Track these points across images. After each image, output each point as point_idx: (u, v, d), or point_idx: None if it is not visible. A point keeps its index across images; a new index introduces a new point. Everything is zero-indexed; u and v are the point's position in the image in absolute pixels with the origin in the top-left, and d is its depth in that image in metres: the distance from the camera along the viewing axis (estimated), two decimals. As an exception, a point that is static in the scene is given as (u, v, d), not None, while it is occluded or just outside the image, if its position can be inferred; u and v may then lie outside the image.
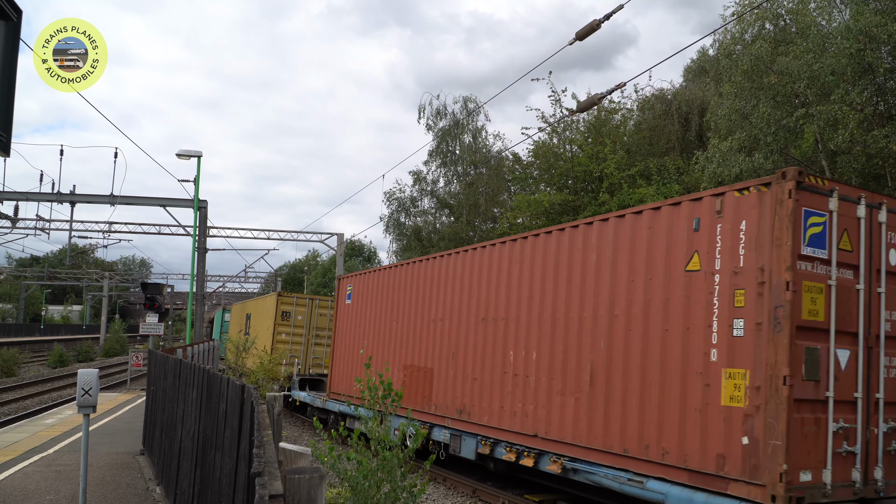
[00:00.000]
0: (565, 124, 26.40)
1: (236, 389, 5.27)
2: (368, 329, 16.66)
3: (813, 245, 7.29)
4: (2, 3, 3.68)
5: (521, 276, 11.17)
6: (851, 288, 7.57)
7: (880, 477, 7.47)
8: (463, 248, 13.28)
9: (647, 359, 8.51)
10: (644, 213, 8.93)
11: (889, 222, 7.99)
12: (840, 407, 7.32)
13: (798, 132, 18.58)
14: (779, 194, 7.26)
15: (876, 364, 7.65)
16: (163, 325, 30.58)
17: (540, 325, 10.55)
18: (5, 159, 25.09)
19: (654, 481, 8.02)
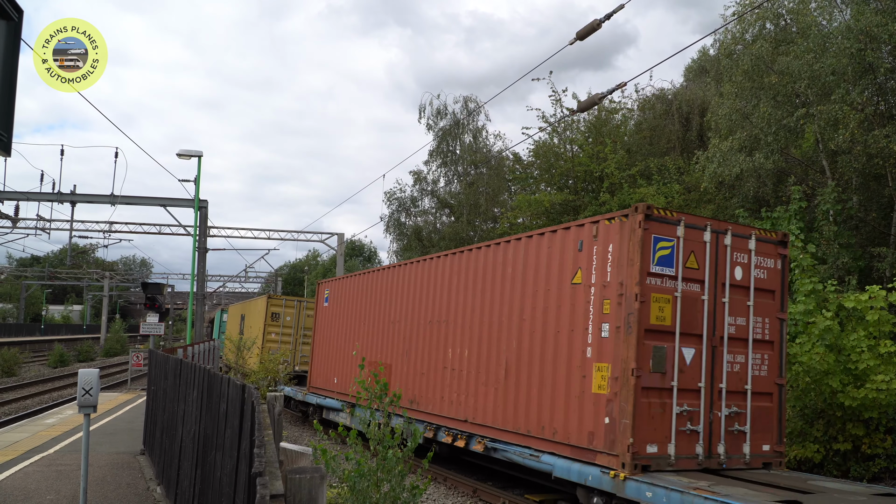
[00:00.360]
0: (566, 124, 26.41)
1: (237, 389, 5.28)
2: (342, 329, 18.35)
3: (661, 264, 9.05)
4: (3, 2, 3.67)
5: (459, 285, 13.02)
6: (697, 298, 9.32)
7: (723, 452, 9.25)
8: (415, 260, 15.18)
9: (544, 355, 10.35)
10: (545, 234, 10.79)
11: (734, 245, 9.71)
12: (685, 394, 9.06)
13: (799, 132, 18.58)
14: (632, 224, 8.99)
15: (720, 360, 9.44)
16: (163, 324, 30.59)
17: (471, 327, 12.37)
18: (6, 159, 25.09)
19: (546, 455, 9.85)
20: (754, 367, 9.77)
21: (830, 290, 12.95)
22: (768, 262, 10.12)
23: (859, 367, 11.63)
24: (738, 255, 9.81)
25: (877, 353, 11.64)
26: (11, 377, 36.85)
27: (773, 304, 10.10)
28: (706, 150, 20.94)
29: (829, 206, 16.91)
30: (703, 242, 9.43)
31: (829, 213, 17.18)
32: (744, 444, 9.49)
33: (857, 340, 11.84)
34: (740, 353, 9.70)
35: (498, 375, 11.35)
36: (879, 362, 11.55)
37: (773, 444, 9.84)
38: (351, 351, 16.97)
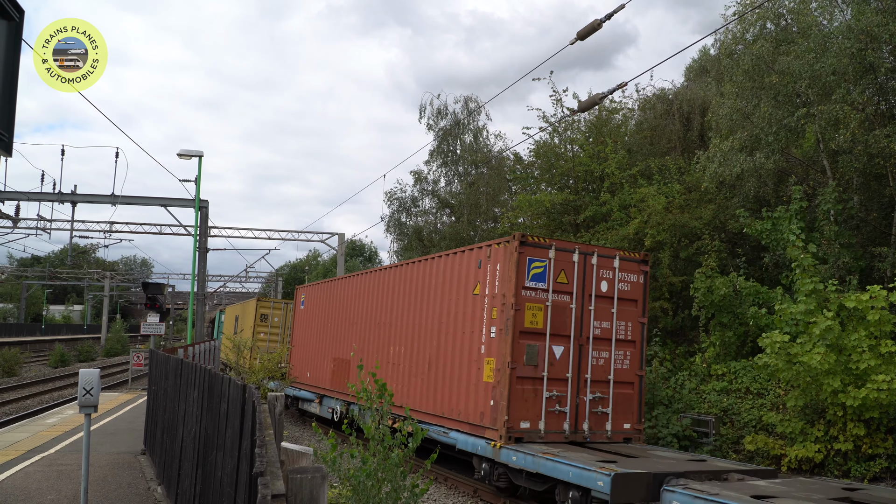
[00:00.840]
0: (566, 124, 26.38)
1: (237, 389, 5.27)
2: (314, 329, 20.76)
3: (535, 280, 11.43)
4: (4, 2, 3.67)
5: (398, 293, 15.49)
6: (566, 307, 11.69)
7: (587, 429, 11.71)
8: (367, 270, 18.03)
9: (453, 352, 12.70)
10: (457, 254, 13.20)
11: (600, 264, 12.05)
12: (554, 382, 11.48)
13: (799, 132, 18.56)
14: (511, 249, 11.37)
15: (586, 356, 11.83)
16: (164, 324, 30.60)
17: (406, 329, 14.76)
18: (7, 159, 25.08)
19: (453, 432, 12.18)
20: (617, 362, 12.08)
21: (831, 290, 12.95)
22: (632, 277, 12.39)
23: (860, 366, 11.64)
24: (604, 272, 12.12)
25: (877, 352, 11.65)
26: (12, 377, 36.86)
27: (635, 310, 12.44)
28: (707, 149, 20.92)
29: (830, 206, 16.90)
30: (573, 262, 11.80)
31: (829, 213, 17.17)
32: (606, 423, 11.92)
33: (858, 340, 11.84)
34: (605, 350, 12.03)
35: (423, 368, 13.80)
36: (880, 362, 11.55)
37: (634, 423, 12.24)
38: (319, 347, 19.67)
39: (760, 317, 14.84)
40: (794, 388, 13.07)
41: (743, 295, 16.34)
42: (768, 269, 18.98)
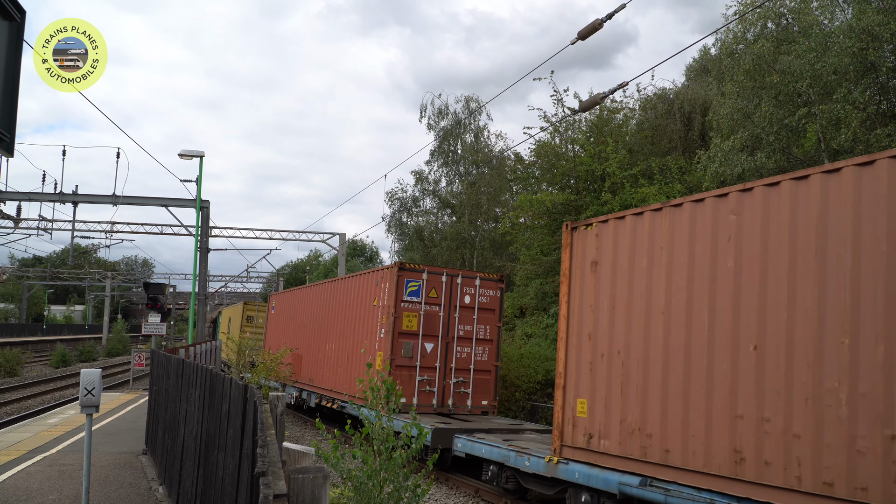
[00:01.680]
0: (567, 124, 26.38)
1: (239, 389, 5.28)
2: (281, 330, 25.31)
3: (411, 295, 15.47)
4: (6, 3, 3.68)
5: (331, 303, 19.83)
6: (436, 314, 15.73)
7: (451, 404, 15.67)
8: (314, 284, 22.97)
9: (359, 348, 16.57)
10: (365, 275, 17.59)
11: (464, 283, 16.06)
12: (425, 370, 15.48)
13: (801, 131, 18.55)
14: (393, 273, 15.51)
15: (452, 350, 15.80)
16: (165, 324, 30.61)
17: (335, 330, 18.95)
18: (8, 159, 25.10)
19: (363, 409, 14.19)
20: (477, 355, 16.05)
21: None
22: (490, 292, 16.35)
23: None
24: (468, 288, 16.07)
25: None
26: (14, 377, 36.89)
27: (493, 317, 16.39)
28: (708, 149, 20.92)
29: (832, 206, 16.87)
30: (441, 282, 15.82)
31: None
32: (467, 400, 15.86)
33: None
34: (467, 347, 15.98)
35: (344, 360, 17.83)
36: None
37: (490, 400, 16.12)
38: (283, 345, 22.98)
39: None
40: None
41: None
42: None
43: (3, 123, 3.84)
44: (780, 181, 7.47)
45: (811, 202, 7.12)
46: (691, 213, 8.38)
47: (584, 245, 9.81)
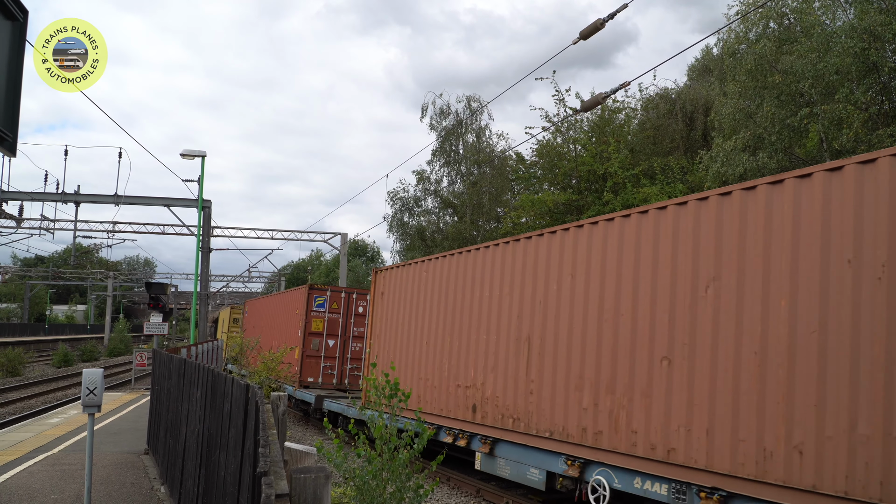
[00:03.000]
0: (569, 123, 26.38)
1: (240, 389, 5.28)
2: (250, 330, 30.69)
3: (318, 307, 21.00)
4: (8, 3, 3.68)
5: (276, 310, 26.09)
6: (336, 320, 21.07)
7: (347, 383, 20.88)
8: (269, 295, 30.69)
9: (290, 344, 21.61)
10: (292, 292, 24.13)
11: (357, 297, 21.36)
12: (328, 359, 20.92)
13: (802, 131, 18.54)
14: (304, 291, 21.21)
15: (348, 345, 21.09)
16: (167, 324, 30.62)
17: (277, 330, 24.61)
18: (10, 159, 25.13)
19: (286, 385, 21.43)
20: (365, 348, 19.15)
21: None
22: None
23: None
24: (360, 301, 21.31)
25: None
26: (16, 377, 36.94)
27: None
28: (710, 149, 20.91)
29: (834, 206, 16.85)
30: (341, 297, 21.38)
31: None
32: (359, 381, 20.11)
33: None
34: (359, 343, 20.60)
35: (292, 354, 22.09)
36: None
37: None
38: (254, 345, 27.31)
39: None
40: None
41: None
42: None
43: (5, 123, 3.85)
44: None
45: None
46: (436, 265, 13.82)
47: (378, 282, 16.31)
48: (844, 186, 6.60)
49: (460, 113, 37.28)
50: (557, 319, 9.91)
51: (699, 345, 7.68)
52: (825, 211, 6.67)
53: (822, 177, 6.78)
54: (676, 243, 8.11)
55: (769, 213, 7.14)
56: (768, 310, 7.00)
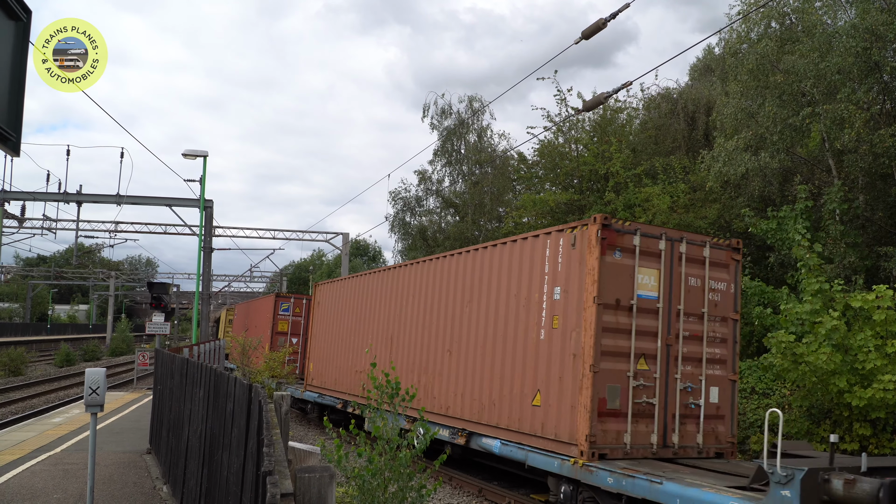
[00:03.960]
0: (571, 123, 26.36)
1: (243, 388, 5.29)
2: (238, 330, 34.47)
3: (283, 311, 27.31)
4: (12, 3, 3.69)
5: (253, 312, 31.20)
6: (300, 322, 26.84)
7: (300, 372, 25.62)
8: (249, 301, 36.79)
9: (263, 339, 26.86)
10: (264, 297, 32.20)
11: (295, 303, 27.94)
12: (292, 353, 25.84)
13: (804, 131, 18.51)
14: (272, 298, 28.26)
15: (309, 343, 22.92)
16: (169, 324, 30.66)
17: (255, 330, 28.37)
18: (12, 159, 25.16)
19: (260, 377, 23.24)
20: None
21: (837, 290, 12.89)
22: None
23: (866, 366, 11.58)
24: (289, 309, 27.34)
25: (884, 352, 11.59)
26: (18, 376, 36.97)
27: None
28: (711, 149, 20.89)
29: (836, 206, 16.84)
30: (303, 303, 26.65)
31: (835, 213, 17.12)
32: None
33: (863, 340, 11.78)
34: None
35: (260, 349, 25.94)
36: (886, 362, 11.50)
37: None
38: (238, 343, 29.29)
39: (766, 316, 14.80)
40: (799, 388, 13.02)
41: (748, 294, 16.32)
42: (773, 269, 18.93)
43: (9, 123, 3.85)
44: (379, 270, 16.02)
45: None
46: (347, 284, 19.74)
47: (316, 293, 21.75)
48: (493, 255, 12.55)
49: (462, 113, 37.29)
50: (405, 325, 15.35)
51: (463, 341, 12.95)
52: (509, 263, 11.96)
53: (502, 248, 12.42)
54: (453, 277, 13.63)
55: (482, 264, 12.78)
56: (488, 320, 12.22)
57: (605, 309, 9.61)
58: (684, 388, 10.21)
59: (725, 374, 10.72)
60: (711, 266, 10.73)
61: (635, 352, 9.84)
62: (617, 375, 9.66)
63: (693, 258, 10.61)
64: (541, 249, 10.99)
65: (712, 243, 10.89)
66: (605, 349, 9.60)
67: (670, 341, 10.19)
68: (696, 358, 10.41)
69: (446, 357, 13.27)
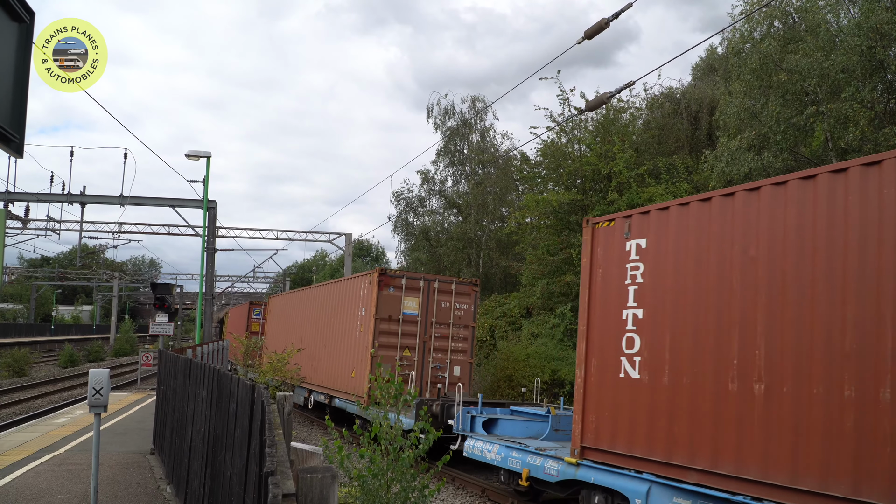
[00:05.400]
0: (574, 123, 26.35)
1: (246, 389, 5.29)
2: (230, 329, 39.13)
3: (256, 315, 36.81)
4: (15, 4, 3.69)
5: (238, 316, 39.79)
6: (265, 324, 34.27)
7: None
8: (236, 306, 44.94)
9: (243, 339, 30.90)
10: (242, 304, 42.67)
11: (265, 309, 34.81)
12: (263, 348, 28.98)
13: (808, 130, 18.48)
14: (246, 305, 39.60)
15: None
16: (172, 324, 30.69)
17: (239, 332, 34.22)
18: (17, 160, 25.21)
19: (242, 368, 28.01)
20: None
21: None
22: None
23: None
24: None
25: None
26: (22, 377, 37.06)
27: None
28: (715, 148, 20.87)
29: (839, 205, 16.79)
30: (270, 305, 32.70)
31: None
32: None
33: None
34: None
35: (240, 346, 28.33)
36: None
37: None
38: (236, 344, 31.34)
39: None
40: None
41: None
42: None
43: (12, 125, 3.86)
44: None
45: None
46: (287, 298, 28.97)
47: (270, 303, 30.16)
48: None
49: (465, 113, 37.31)
50: (305, 328, 22.03)
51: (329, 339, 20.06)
52: None
53: None
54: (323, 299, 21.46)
55: (334, 292, 20.90)
56: (336, 326, 19.77)
57: (380, 321, 16.38)
58: (434, 366, 16.69)
59: (465, 359, 17.10)
60: (457, 294, 17.09)
61: (401, 345, 16.51)
62: (389, 360, 16.00)
63: (444, 290, 16.96)
64: (356, 285, 18.05)
65: (457, 280, 17.43)
66: (381, 343, 16.27)
67: (426, 339, 16.68)
68: (445, 349, 16.82)
69: (322, 349, 20.21)
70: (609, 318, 9.15)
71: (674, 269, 8.41)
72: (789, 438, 6.89)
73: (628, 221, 9.14)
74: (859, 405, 6.41)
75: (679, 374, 8.10)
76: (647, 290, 8.75)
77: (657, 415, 8.16)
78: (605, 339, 9.19)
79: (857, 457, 6.36)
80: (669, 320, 8.36)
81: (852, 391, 6.46)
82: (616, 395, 8.87)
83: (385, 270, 16.70)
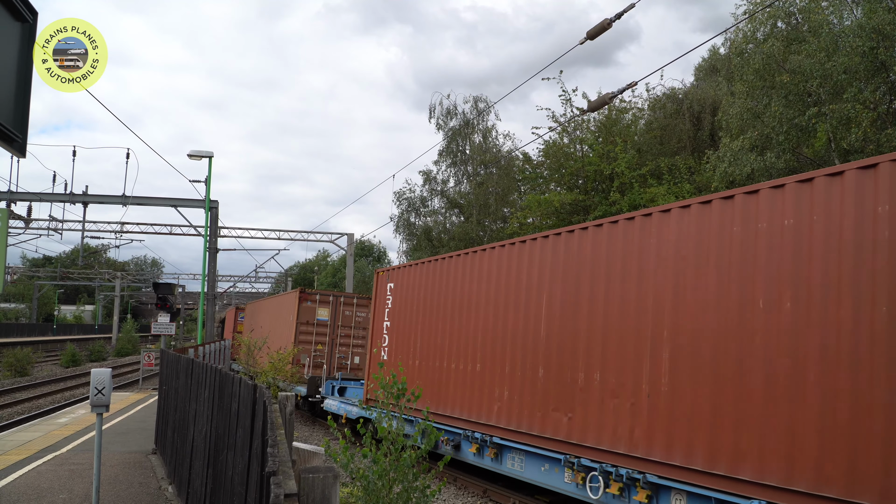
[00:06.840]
0: (576, 124, 26.34)
1: (248, 389, 5.29)
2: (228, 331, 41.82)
3: (241, 318, 38.18)
4: (18, 4, 3.70)
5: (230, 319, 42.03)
6: None
7: None
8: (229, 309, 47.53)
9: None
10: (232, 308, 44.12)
11: None
12: None
13: (811, 131, 18.45)
14: (233, 310, 41.98)
15: None
16: (174, 324, 30.75)
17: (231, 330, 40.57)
18: (19, 160, 25.25)
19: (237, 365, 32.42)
20: None
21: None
22: None
23: None
24: None
25: None
26: (24, 377, 37.11)
27: None
28: (717, 149, 20.85)
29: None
30: None
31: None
32: None
33: None
34: None
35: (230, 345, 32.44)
36: None
37: None
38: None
39: None
40: None
41: None
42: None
43: (15, 124, 3.86)
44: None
45: None
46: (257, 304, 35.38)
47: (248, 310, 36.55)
48: None
49: (467, 113, 37.31)
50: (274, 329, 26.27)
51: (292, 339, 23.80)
52: None
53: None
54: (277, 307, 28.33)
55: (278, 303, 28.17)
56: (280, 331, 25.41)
57: (300, 324, 22.54)
58: (340, 356, 22.66)
59: (364, 352, 20.14)
60: (357, 306, 23.12)
61: (315, 341, 22.65)
62: (307, 351, 22.28)
63: (348, 303, 23.08)
64: (289, 299, 24.34)
65: (358, 296, 23.58)
66: (300, 340, 22.50)
67: (334, 338, 22.65)
68: (348, 344, 22.72)
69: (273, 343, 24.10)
70: (377, 325, 15.98)
71: (409, 298, 14.94)
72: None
73: (388, 273, 16.07)
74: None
75: (411, 358, 14.37)
76: (395, 310, 15.39)
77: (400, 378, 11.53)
78: (375, 337, 15.89)
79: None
80: (406, 327, 14.90)
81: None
82: (376, 369, 13.52)
83: (304, 290, 23.52)
